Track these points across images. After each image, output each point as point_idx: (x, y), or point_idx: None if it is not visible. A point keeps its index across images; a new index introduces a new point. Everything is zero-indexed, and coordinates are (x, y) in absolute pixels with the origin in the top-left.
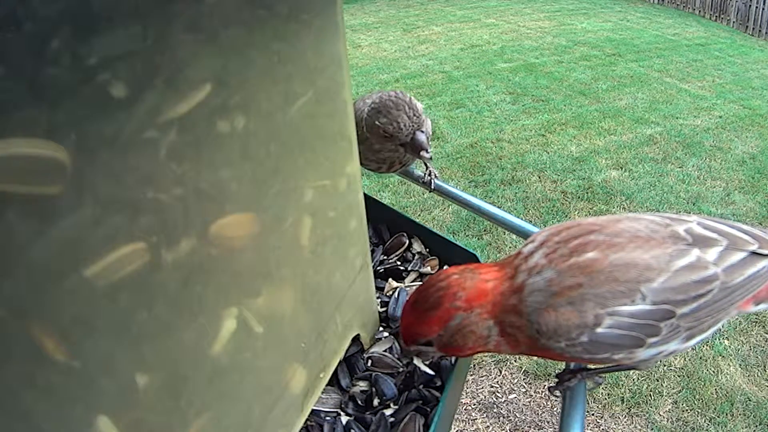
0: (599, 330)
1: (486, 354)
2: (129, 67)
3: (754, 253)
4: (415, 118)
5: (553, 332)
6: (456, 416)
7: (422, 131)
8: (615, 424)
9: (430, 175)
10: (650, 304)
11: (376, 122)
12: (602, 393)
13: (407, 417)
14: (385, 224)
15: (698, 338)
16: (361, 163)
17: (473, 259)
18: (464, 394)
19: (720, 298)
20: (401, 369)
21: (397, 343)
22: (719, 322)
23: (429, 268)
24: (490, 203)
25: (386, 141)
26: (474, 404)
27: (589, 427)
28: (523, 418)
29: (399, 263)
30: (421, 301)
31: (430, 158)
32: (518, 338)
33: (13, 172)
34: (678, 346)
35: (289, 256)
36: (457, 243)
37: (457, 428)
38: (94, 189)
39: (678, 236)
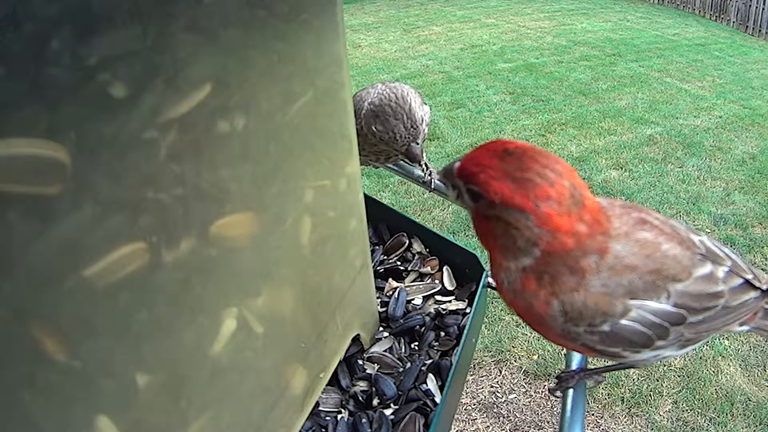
0: (623, 321)
1: (486, 354)
2: (129, 67)
3: (747, 281)
4: (412, 129)
5: (578, 314)
6: (456, 416)
7: (417, 143)
8: (615, 424)
9: (430, 175)
10: (672, 305)
11: (373, 128)
12: (602, 393)
13: (407, 417)
14: (385, 224)
15: (688, 348)
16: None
17: (473, 259)
18: (464, 394)
19: (720, 315)
20: (401, 369)
21: (397, 343)
22: (708, 338)
23: (429, 268)
24: None
25: (381, 144)
26: (474, 404)
27: (589, 427)
28: (523, 418)
29: (399, 263)
30: (518, 162)
31: (426, 161)
32: (536, 290)
33: (13, 172)
34: (672, 353)
35: (289, 256)
36: (457, 243)
37: (457, 428)
38: (94, 189)
39: (694, 244)
